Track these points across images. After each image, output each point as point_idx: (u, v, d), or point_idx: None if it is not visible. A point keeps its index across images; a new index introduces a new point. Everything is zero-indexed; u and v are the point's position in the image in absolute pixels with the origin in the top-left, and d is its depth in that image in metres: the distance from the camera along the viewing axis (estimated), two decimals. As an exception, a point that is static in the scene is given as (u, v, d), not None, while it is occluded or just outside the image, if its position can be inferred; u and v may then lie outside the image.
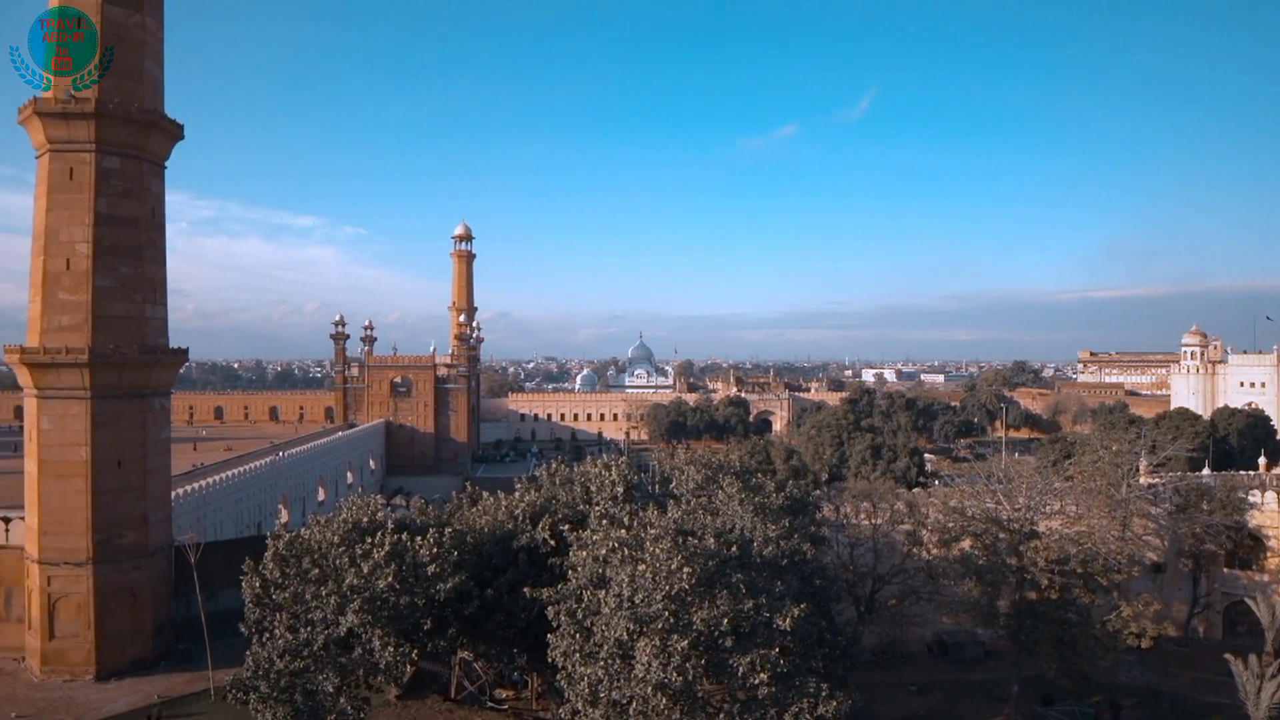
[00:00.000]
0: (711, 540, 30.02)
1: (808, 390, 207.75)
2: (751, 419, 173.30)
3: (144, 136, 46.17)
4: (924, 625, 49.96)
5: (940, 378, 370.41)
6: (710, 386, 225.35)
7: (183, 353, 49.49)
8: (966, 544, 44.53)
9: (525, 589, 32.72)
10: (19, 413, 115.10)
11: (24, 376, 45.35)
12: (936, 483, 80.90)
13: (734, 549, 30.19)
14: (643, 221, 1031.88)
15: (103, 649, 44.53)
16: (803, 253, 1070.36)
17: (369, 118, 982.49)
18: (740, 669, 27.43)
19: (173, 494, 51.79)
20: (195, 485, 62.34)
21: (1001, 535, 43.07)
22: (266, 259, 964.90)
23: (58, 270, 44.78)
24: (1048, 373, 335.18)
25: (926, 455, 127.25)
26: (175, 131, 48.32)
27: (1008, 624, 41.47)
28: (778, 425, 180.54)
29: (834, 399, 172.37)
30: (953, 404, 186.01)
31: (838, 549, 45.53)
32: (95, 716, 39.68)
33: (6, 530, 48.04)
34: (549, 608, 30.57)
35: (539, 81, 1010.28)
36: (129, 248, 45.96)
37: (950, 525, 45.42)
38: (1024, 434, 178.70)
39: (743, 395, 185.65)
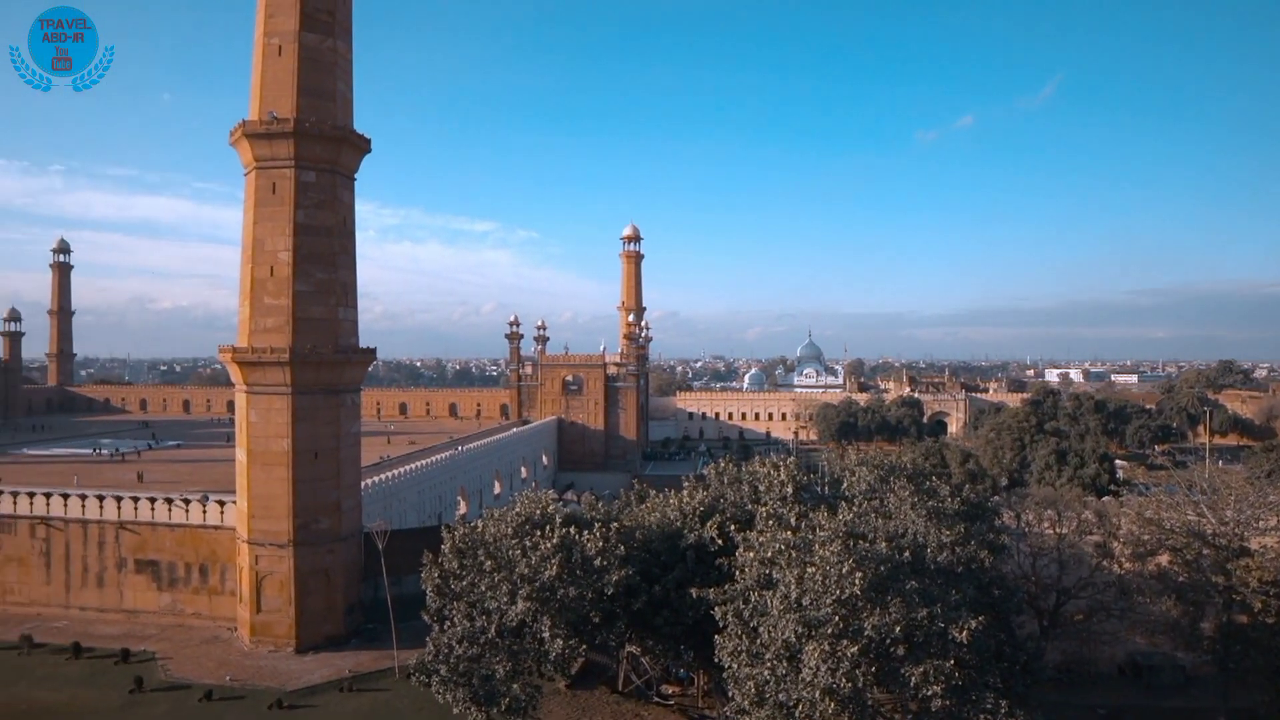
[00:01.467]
0: (883, 544, 29.22)
1: (985, 391, 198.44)
2: (925, 420, 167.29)
3: (336, 151, 49.51)
4: (1114, 644, 46.45)
5: (1133, 378, 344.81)
6: (882, 386, 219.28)
7: (371, 352, 52.75)
8: (1164, 559, 41.24)
9: (692, 588, 32.93)
10: (231, 406, 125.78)
11: (235, 374, 49.70)
12: (1129, 491, 75.40)
13: (906, 554, 29.28)
14: (814, 219, 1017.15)
15: (302, 624, 48.15)
16: (980, 248, 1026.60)
17: (542, 126, 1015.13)
18: (913, 679, 26.57)
19: (362, 484, 55.23)
20: (382, 476, 66.23)
21: (1205, 551, 39.60)
22: (447, 263, 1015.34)
23: (263, 277, 48.72)
24: (1259, 374, 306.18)
25: (1118, 462, 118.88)
26: (363, 146, 51.54)
27: (1213, 649, 38.19)
28: (953, 427, 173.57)
29: (1014, 400, 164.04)
30: (1148, 407, 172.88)
31: (1019, 559, 43.15)
32: (296, 685, 42.95)
33: (221, 512, 52.68)
34: (716, 607, 30.62)
35: (707, 81, 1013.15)
36: (324, 255, 49.40)
37: (1145, 538, 42.11)
38: (1231, 440, 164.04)
39: (916, 395, 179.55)
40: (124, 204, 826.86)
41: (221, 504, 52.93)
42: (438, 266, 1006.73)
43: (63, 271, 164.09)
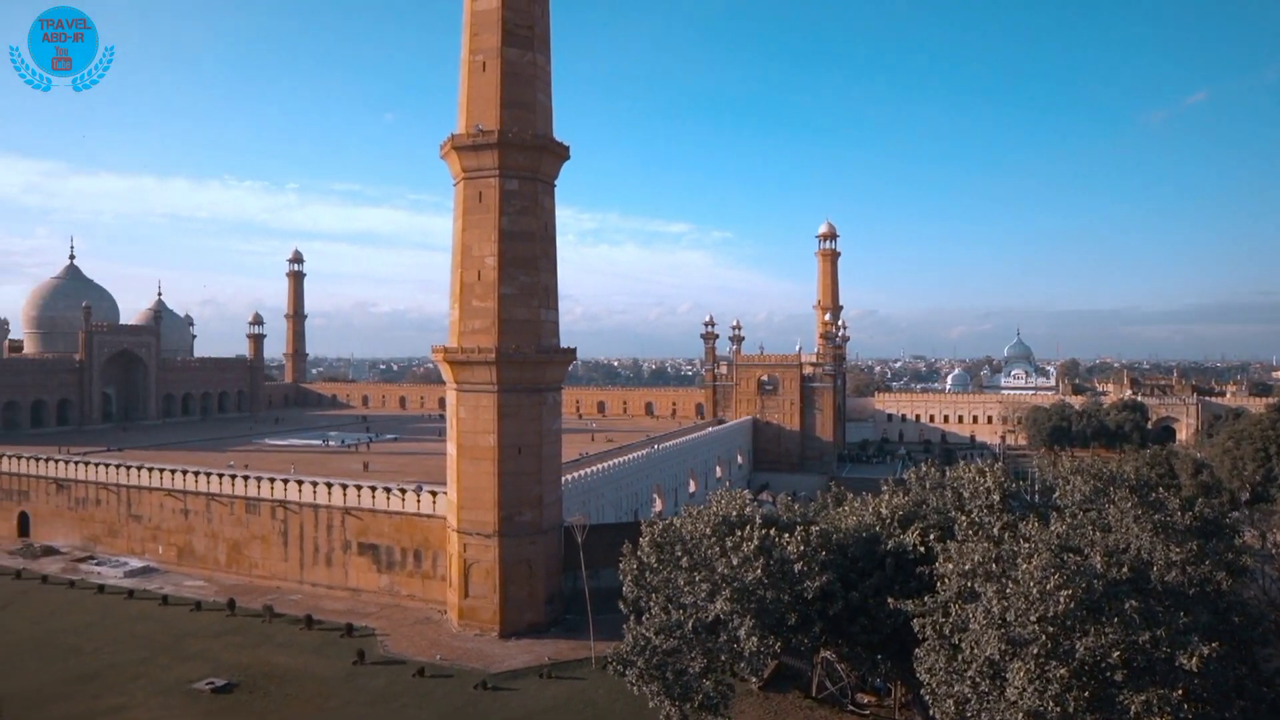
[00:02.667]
0: (1099, 560, 27.13)
1: (1221, 394, 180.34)
2: (1149, 426, 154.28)
3: (537, 160, 51.56)
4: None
5: None
6: (1099, 388, 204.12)
7: (572, 352, 54.59)
8: None
9: (890, 596, 31.96)
10: (442, 403, 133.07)
11: (446, 372, 52.81)
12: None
13: (1125, 571, 27.07)
14: (1023, 211, 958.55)
15: (505, 611, 50.54)
16: (1213, 237, 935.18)
17: (736, 126, 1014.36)
18: (1133, 708, 24.56)
19: (562, 479, 57.24)
20: (581, 472, 68.29)
21: None
22: (643, 264, 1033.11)
23: (471, 281, 51.46)
24: None
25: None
26: (562, 153, 53.38)
27: None
28: (1182, 434, 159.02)
29: (1258, 405, 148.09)
30: None
31: (1264, 583, 38.93)
32: (499, 668, 45.14)
33: (434, 502, 56.14)
34: (915, 619, 29.55)
35: (904, 69, 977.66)
36: (527, 259, 51.57)
37: None
38: None
39: (1139, 398, 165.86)
40: (348, 216, 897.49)
41: (434, 494, 56.42)
42: (634, 268, 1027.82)
43: (297, 279, 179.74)
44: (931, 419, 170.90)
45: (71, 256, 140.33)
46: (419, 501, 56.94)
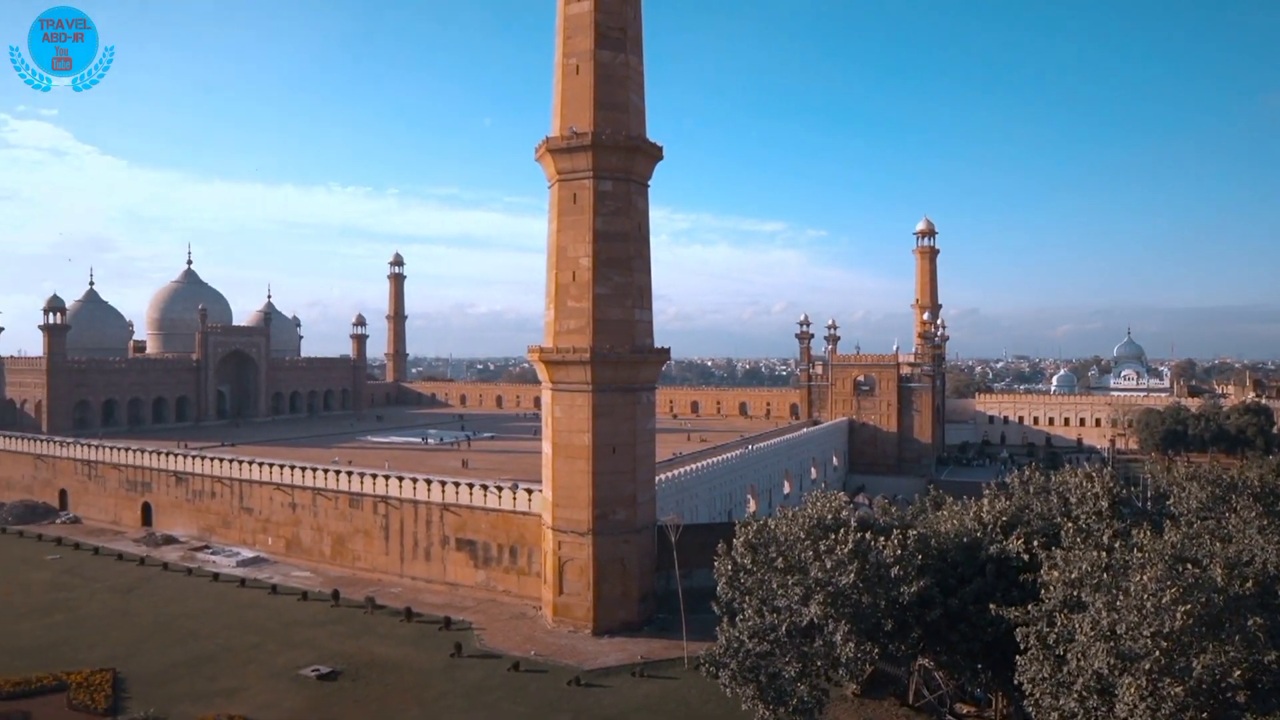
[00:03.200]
0: (1219, 572, 25.63)
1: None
2: (1276, 430, 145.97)
3: (630, 161, 51.83)
4: None
5: None
6: (1218, 390, 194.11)
7: (665, 352, 54.70)
8: None
9: (991, 603, 31.04)
10: (537, 402, 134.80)
11: (542, 372, 53.54)
12: None
13: (1249, 586, 25.57)
14: (1132, 205, 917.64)
15: (599, 609, 50.94)
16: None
17: (829, 124, 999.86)
18: (1257, 730, 23.22)
19: (656, 479, 57.39)
20: (675, 472, 68.39)
21: None
22: (736, 264, 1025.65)
23: (566, 281, 52.06)
24: None
25: None
26: (656, 154, 53.54)
27: None
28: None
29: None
30: None
31: None
32: (592, 665, 45.54)
33: (529, 499, 56.98)
34: (1017, 628, 28.61)
35: (1005, 59, 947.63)
36: (620, 259, 51.89)
37: None
38: None
39: (1263, 401, 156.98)
40: (447, 219, 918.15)
41: (529, 492, 57.27)
42: (727, 268, 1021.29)
43: (398, 282, 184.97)
44: (1035, 421, 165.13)
45: (189, 262, 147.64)
46: (515, 499, 57.89)
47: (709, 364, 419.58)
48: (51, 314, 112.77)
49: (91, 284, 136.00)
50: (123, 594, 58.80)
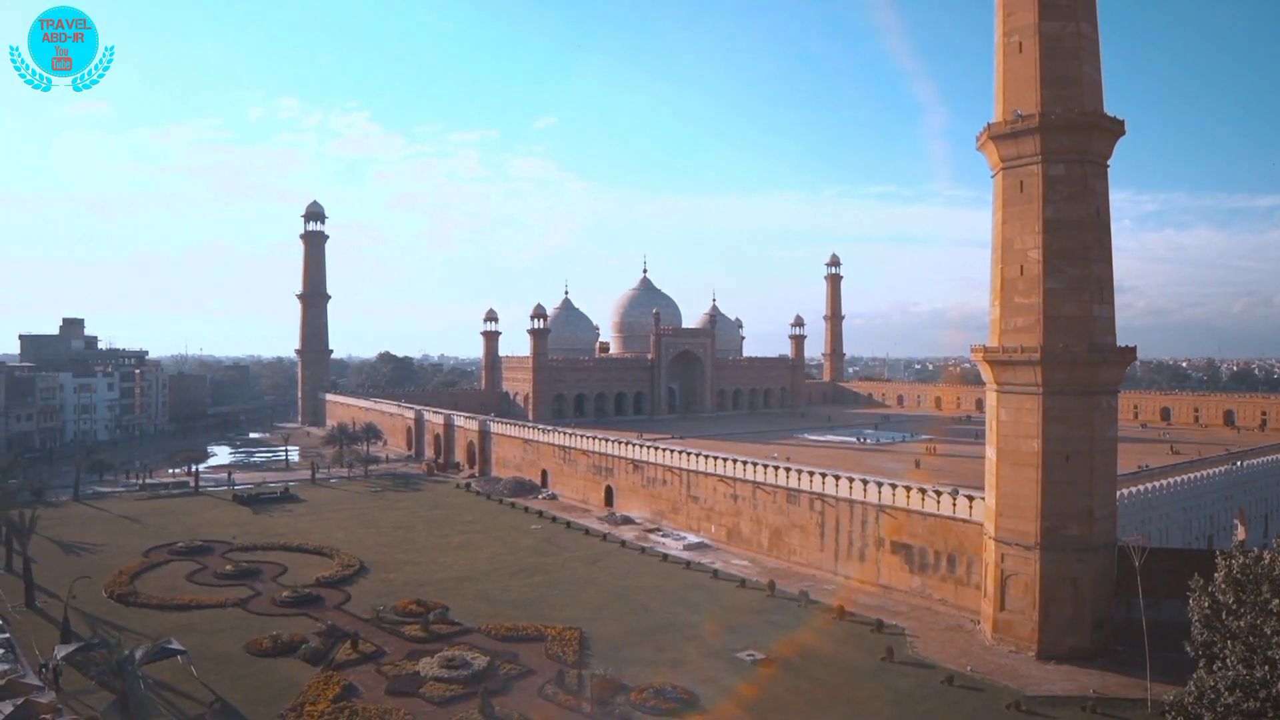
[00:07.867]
0: None
1: None
2: None
3: (1085, 139, 47.03)
4: None
5: None
6: None
7: (1130, 351, 48.89)
8: None
9: None
10: (979, 404, 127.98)
11: (986, 372, 50.73)
12: None
13: None
14: None
15: (1045, 631, 46.90)
16: None
17: None
18: None
19: (1117, 493, 51.50)
20: (1140, 487, 61.12)
21: None
22: (1219, 248, 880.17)
23: (1013, 276, 48.71)
24: None
25: None
26: (1116, 129, 48.03)
27: None
28: None
29: None
30: None
31: None
32: (1034, 691, 41.95)
33: (970, 507, 54.24)
34: None
35: None
36: (1074, 250, 47.31)
37: None
38: None
39: None
40: (884, 218, 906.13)
41: (970, 499, 54.47)
42: (1207, 253, 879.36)
43: (835, 282, 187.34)
44: None
45: (644, 270, 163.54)
46: (955, 505, 55.42)
47: (1184, 365, 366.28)
48: (536, 320, 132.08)
49: (566, 293, 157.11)
50: (588, 564, 66.42)
